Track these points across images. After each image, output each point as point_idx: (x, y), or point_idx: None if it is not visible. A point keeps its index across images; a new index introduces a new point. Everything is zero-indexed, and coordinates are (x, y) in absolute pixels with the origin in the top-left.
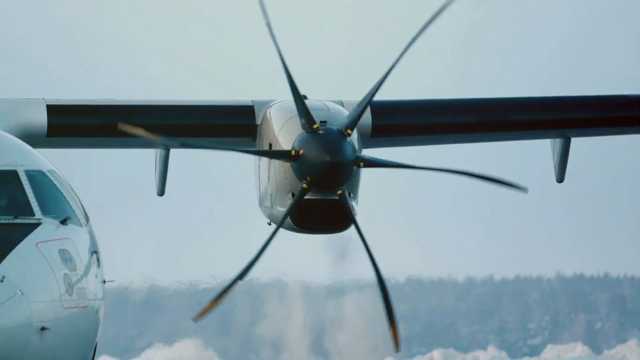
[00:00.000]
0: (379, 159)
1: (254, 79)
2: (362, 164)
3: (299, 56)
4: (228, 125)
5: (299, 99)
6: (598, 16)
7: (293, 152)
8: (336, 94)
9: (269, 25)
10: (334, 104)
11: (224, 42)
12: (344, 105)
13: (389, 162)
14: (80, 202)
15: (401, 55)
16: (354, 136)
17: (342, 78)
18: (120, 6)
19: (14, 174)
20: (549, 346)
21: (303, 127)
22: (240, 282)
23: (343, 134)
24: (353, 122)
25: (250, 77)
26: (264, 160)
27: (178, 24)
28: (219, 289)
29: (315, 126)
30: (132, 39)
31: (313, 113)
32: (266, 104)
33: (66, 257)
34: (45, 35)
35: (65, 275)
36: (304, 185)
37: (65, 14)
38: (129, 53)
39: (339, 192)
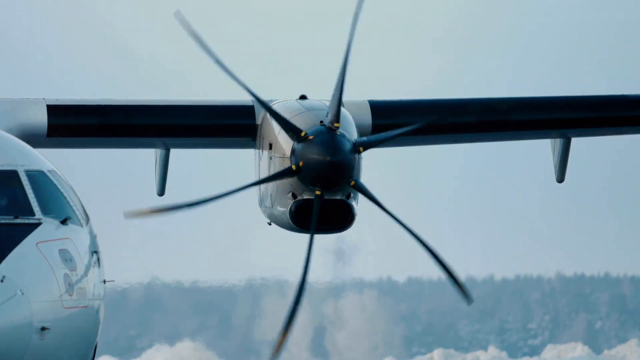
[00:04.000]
0: (376, 136)
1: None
2: (361, 148)
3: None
4: (228, 125)
5: (276, 114)
6: (598, 16)
7: (294, 167)
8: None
9: (218, 62)
10: None
11: (224, 42)
12: (344, 105)
13: (387, 136)
14: (80, 202)
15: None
16: (345, 125)
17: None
18: (120, 6)
19: (14, 174)
20: (549, 346)
21: (292, 138)
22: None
23: (332, 129)
24: (335, 113)
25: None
26: (264, 159)
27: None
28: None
29: (302, 134)
30: (132, 39)
31: (313, 113)
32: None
33: (66, 257)
34: (45, 35)
35: (66, 275)
36: (318, 192)
37: (65, 14)
38: (129, 53)
39: (352, 183)
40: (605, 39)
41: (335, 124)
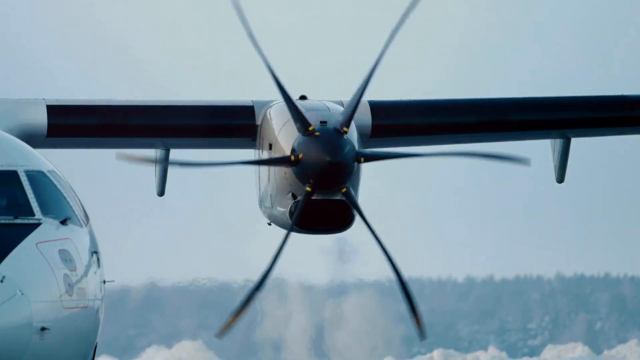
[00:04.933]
0: (379, 151)
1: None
2: (362, 159)
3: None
4: (228, 125)
5: (291, 102)
6: (598, 16)
7: (293, 157)
8: (336, 94)
9: (251, 35)
10: (333, 104)
11: (224, 43)
12: (344, 105)
13: (390, 153)
14: (80, 202)
15: (386, 46)
16: (352, 132)
17: (342, 78)
18: (120, 6)
19: (14, 174)
20: (549, 346)
21: (299, 130)
22: (258, 294)
23: (339, 132)
24: (348, 119)
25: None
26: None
27: (178, 24)
28: (239, 302)
29: (311, 128)
30: (132, 39)
31: (313, 113)
32: (266, 104)
33: (66, 257)
34: (45, 35)
35: (66, 275)
36: (308, 189)
37: (65, 14)
38: (128, 53)
39: (344, 190)
40: (605, 39)
41: (345, 129)
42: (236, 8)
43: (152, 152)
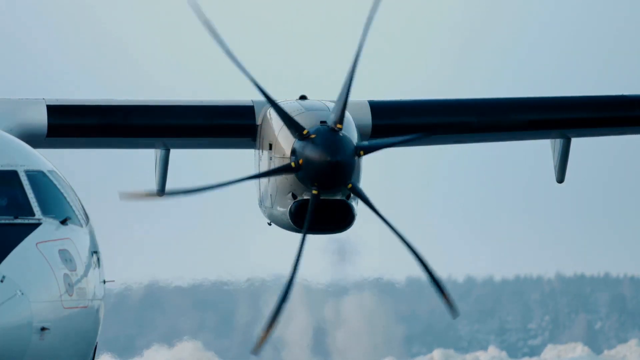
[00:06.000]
0: (377, 142)
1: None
2: (362, 152)
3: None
4: (228, 125)
5: (278, 108)
6: (598, 16)
7: (293, 164)
8: (336, 94)
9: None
10: (334, 104)
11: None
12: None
13: (387, 142)
14: (80, 202)
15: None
16: (348, 126)
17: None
18: (119, 6)
19: (14, 174)
20: (549, 346)
21: (293, 135)
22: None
23: (334, 130)
24: (340, 114)
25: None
26: (264, 160)
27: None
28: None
29: (305, 132)
30: (132, 39)
31: (313, 113)
32: (266, 104)
33: (66, 257)
34: (45, 35)
35: (66, 275)
36: (314, 192)
37: (65, 14)
38: (128, 53)
39: (350, 186)
40: (605, 39)
41: (338, 125)
42: (196, 11)
43: (152, 153)
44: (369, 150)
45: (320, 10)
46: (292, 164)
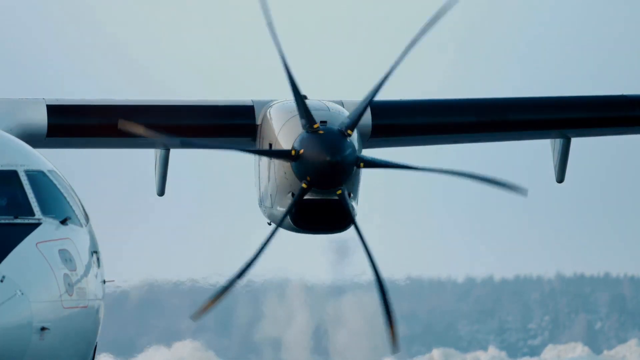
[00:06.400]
0: (379, 160)
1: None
2: (362, 164)
3: (299, 56)
4: (228, 125)
5: (300, 98)
6: (598, 16)
7: (293, 152)
8: (336, 94)
9: (270, 24)
10: (334, 104)
11: (224, 42)
12: (344, 105)
13: (389, 162)
14: (80, 202)
15: (402, 56)
16: (355, 136)
17: (342, 78)
18: (119, 6)
19: (14, 174)
20: (549, 346)
21: (303, 127)
22: (239, 282)
23: (343, 134)
24: (353, 123)
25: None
26: (264, 160)
27: (178, 23)
28: (218, 288)
29: (315, 126)
30: (132, 39)
31: (313, 113)
32: (266, 104)
33: (66, 257)
34: (45, 35)
35: (66, 275)
36: (304, 185)
37: (65, 14)
38: (128, 53)
39: (339, 192)
40: (605, 39)
41: (349, 131)
42: (264, 11)
43: (152, 153)
44: (369, 165)
45: (320, 10)
46: (292, 152)
